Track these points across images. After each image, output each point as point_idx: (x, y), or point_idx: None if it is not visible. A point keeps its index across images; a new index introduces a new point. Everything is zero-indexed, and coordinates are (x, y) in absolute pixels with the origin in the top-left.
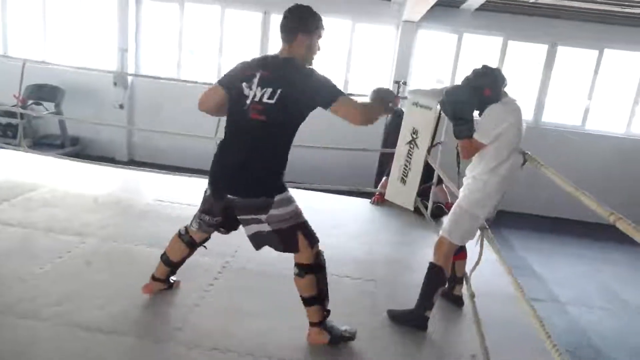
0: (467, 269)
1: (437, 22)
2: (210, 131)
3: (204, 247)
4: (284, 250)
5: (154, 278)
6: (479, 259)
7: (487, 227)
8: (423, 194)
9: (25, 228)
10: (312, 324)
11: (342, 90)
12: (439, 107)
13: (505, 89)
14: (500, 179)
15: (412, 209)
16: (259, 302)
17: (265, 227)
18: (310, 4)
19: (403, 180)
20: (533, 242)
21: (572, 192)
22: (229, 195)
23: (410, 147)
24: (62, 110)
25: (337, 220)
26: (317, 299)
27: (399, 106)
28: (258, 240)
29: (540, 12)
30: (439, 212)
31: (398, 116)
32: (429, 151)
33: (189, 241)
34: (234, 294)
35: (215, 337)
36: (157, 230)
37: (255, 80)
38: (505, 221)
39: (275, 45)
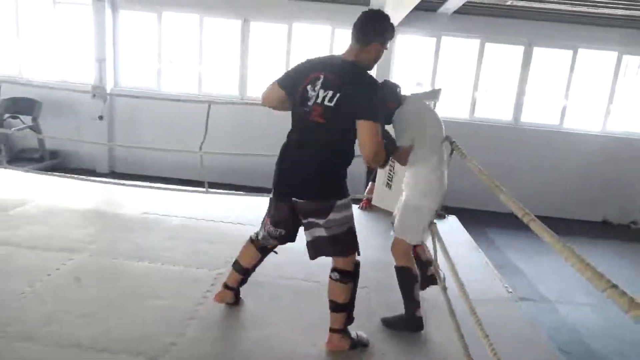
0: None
1: (414, 26)
2: (188, 139)
3: (275, 252)
4: (333, 254)
5: (226, 286)
6: (435, 252)
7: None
8: None
9: (11, 246)
10: (334, 330)
11: (380, 119)
12: None
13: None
14: (430, 169)
15: None
16: (255, 312)
17: (323, 232)
18: (287, 10)
19: (389, 185)
20: (517, 241)
21: (491, 187)
22: (292, 199)
23: None
24: (40, 123)
25: None
26: (347, 306)
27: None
28: (316, 246)
29: (515, 14)
30: None
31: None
32: None
33: (262, 247)
34: (229, 305)
35: (215, 350)
36: (145, 244)
37: (319, 82)
38: (489, 221)
39: (255, 52)
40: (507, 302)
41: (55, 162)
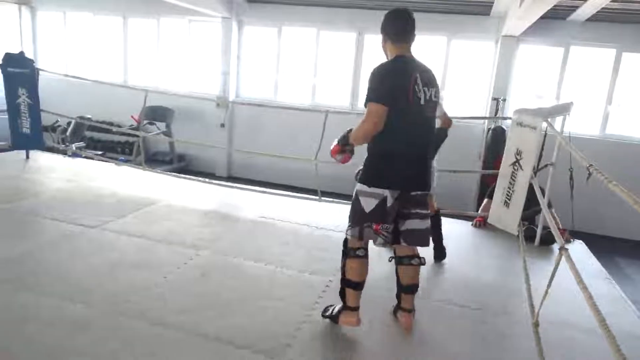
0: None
1: (540, 35)
2: (302, 148)
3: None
4: (427, 243)
5: (352, 309)
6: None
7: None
8: (528, 218)
9: (148, 239)
10: (409, 310)
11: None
12: (545, 126)
13: None
14: None
15: (516, 233)
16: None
17: (427, 223)
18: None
19: (506, 204)
20: None
21: None
22: (412, 193)
23: (514, 168)
24: (172, 130)
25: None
26: (418, 286)
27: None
28: (416, 236)
29: None
30: (548, 239)
31: (499, 134)
32: (534, 173)
33: (365, 254)
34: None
35: (325, 355)
36: (262, 246)
37: (420, 82)
38: (619, 249)
39: (368, 64)
40: None
41: (182, 165)
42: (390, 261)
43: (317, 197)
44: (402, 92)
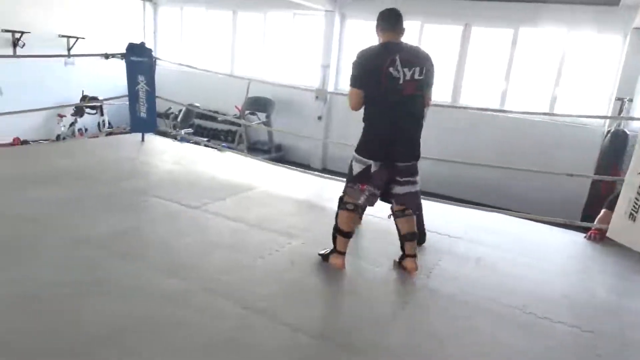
0: None
1: None
2: None
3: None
4: (416, 206)
5: (340, 252)
6: None
7: None
8: None
9: (244, 224)
10: (412, 256)
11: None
12: None
13: None
14: None
15: None
16: (455, 330)
17: (416, 187)
18: (523, 14)
19: (632, 217)
20: None
21: None
22: (397, 163)
23: None
24: (272, 120)
25: (542, 252)
26: (417, 234)
27: None
28: (407, 199)
29: None
30: None
31: (620, 138)
32: None
33: (354, 209)
34: (429, 316)
35: (410, 357)
36: (356, 242)
37: (399, 63)
38: None
39: (474, 58)
40: None
41: (280, 155)
42: (389, 218)
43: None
44: (375, 74)
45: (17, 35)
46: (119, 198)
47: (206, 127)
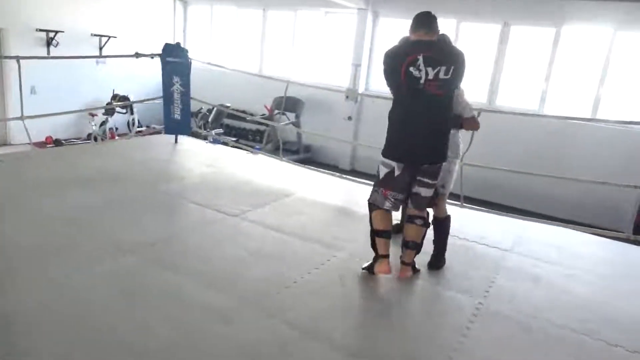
0: None
1: None
2: None
3: None
4: (428, 206)
5: (385, 256)
6: None
7: None
8: None
9: (284, 234)
10: (407, 264)
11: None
12: None
13: None
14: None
15: None
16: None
17: (431, 192)
18: (566, 14)
19: None
20: None
21: None
22: (420, 165)
23: None
24: (301, 121)
25: (597, 266)
26: (420, 246)
27: None
28: (419, 201)
29: None
30: None
31: None
32: None
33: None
34: (495, 346)
35: None
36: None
37: (422, 62)
38: None
39: (513, 58)
40: None
41: (308, 155)
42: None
43: (458, 203)
44: (395, 75)
45: (51, 35)
46: (156, 203)
47: (234, 127)
